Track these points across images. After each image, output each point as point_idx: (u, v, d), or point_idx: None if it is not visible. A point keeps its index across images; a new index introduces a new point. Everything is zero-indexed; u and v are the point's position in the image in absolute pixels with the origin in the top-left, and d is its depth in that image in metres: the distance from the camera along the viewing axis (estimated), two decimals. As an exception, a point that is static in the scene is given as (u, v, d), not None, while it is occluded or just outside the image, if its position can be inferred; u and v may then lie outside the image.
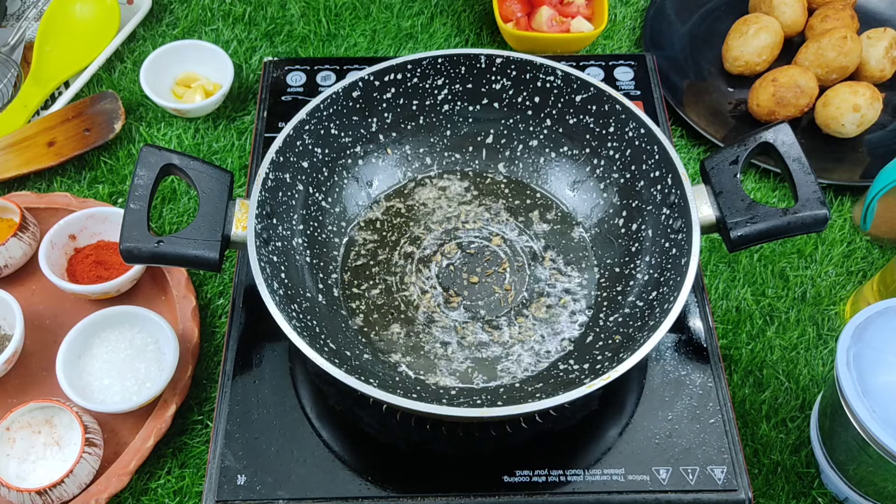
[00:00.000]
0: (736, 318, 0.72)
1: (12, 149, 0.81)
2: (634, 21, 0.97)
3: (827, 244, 0.77)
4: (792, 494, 0.64)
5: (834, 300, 0.74)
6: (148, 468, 0.65)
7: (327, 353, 0.54)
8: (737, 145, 0.61)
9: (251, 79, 0.91)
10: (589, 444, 0.60)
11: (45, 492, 0.59)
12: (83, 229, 0.74)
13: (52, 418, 0.64)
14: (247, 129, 0.86)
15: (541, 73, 0.69)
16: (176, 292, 0.71)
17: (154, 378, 0.66)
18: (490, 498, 0.58)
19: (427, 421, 0.61)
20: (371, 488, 0.58)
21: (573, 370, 0.61)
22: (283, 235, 0.63)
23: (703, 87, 0.90)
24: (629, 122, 0.66)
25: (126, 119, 0.85)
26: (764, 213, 0.58)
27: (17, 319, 0.66)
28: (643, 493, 0.58)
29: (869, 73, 0.87)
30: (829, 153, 0.84)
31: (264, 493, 0.58)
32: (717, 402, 0.62)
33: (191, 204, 0.80)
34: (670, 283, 0.59)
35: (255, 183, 0.61)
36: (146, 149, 0.59)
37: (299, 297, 0.61)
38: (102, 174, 0.82)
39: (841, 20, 0.88)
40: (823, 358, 0.71)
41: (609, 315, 0.65)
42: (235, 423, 0.61)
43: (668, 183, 0.63)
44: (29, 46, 0.92)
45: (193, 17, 0.96)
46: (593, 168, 0.71)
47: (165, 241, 0.57)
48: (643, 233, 0.66)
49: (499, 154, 0.75)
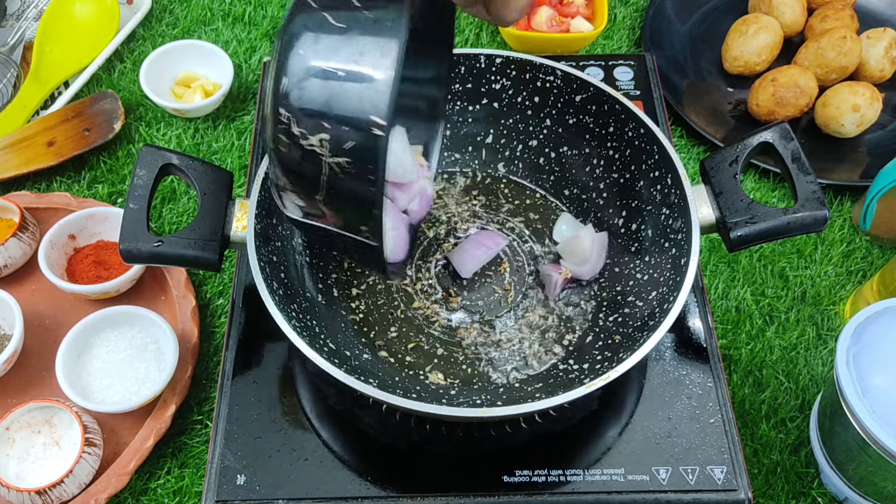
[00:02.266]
0: (735, 318, 0.72)
1: (12, 149, 0.81)
2: (634, 21, 0.97)
3: (827, 244, 0.77)
4: (792, 494, 0.64)
5: (834, 300, 0.74)
6: (147, 468, 0.65)
7: (327, 353, 0.54)
8: (736, 145, 0.61)
9: (251, 79, 0.91)
10: (589, 444, 0.60)
11: (45, 492, 0.59)
12: (83, 229, 0.74)
13: (52, 418, 0.64)
14: (246, 128, 0.86)
15: (540, 73, 0.69)
16: (176, 292, 0.71)
17: (154, 378, 0.66)
18: (490, 498, 0.58)
19: (427, 421, 0.61)
20: (371, 488, 0.58)
21: (573, 370, 0.61)
22: (282, 235, 0.63)
23: (702, 87, 0.90)
24: (629, 122, 0.66)
25: (126, 119, 0.85)
26: (764, 213, 0.58)
27: (17, 319, 0.66)
28: (643, 493, 0.58)
29: (869, 73, 0.87)
30: (828, 153, 0.84)
31: (264, 493, 0.58)
32: (717, 401, 0.62)
33: (190, 204, 0.80)
34: (670, 283, 0.59)
35: (255, 183, 0.61)
36: (146, 149, 0.59)
37: (299, 296, 0.61)
38: (102, 174, 0.82)
39: (841, 20, 0.88)
40: (823, 358, 0.71)
41: (609, 315, 0.65)
42: (235, 422, 0.61)
43: (668, 183, 0.63)
44: (29, 46, 0.92)
45: (193, 17, 0.96)
46: (593, 168, 0.71)
47: (165, 241, 0.57)
48: (643, 233, 0.66)
49: (499, 154, 0.75)
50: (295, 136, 0.41)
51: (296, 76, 0.40)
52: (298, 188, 0.44)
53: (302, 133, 0.41)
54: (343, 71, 0.40)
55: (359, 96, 0.39)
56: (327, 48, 0.40)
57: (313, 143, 0.41)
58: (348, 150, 0.40)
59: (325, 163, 0.41)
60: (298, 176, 0.43)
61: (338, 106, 0.40)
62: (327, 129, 0.40)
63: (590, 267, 0.67)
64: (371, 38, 0.40)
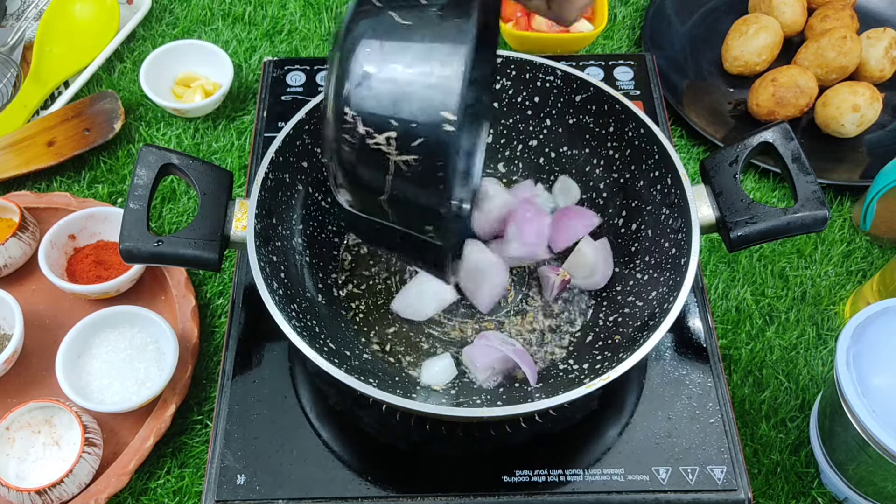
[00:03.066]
0: (735, 318, 0.72)
1: (12, 149, 0.81)
2: (634, 21, 0.97)
3: (827, 244, 0.77)
4: (791, 494, 0.64)
5: (834, 300, 0.74)
6: (147, 468, 0.65)
7: (327, 353, 0.54)
8: (737, 145, 0.61)
9: (251, 79, 0.91)
10: (589, 444, 0.60)
11: (45, 491, 0.59)
12: (83, 229, 0.74)
13: (52, 418, 0.64)
14: (246, 128, 0.86)
15: (541, 72, 0.69)
16: (176, 292, 0.71)
17: (153, 378, 0.66)
18: (490, 498, 0.58)
19: (427, 421, 0.61)
20: (371, 488, 0.58)
21: (573, 370, 0.61)
22: (282, 235, 0.63)
23: (702, 87, 0.90)
24: (629, 122, 0.66)
25: (126, 119, 0.85)
26: (764, 213, 0.58)
27: (17, 319, 0.66)
28: (643, 493, 0.58)
29: (869, 73, 0.87)
30: (828, 153, 0.84)
31: (264, 493, 0.58)
32: (717, 401, 0.62)
33: (190, 204, 0.80)
34: (670, 283, 0.59)
35: (255, 183, 0.61)
36: (146, 148, 0.59)
37: (299, 296, 0.61)
38: (102, 174, 0.82)
39: (841, 20, 0.88)
40: (823, 358, 0.71)
41: (609, 315, 0.65)
42: (235, 422, 0.61)
43: (668, 183, 0.63)
44: (29, 46, 0.92)
45: (193, 17, 0.96)
46: (593, 168, 0.71)
47: (165, 241, 0.57)
48: (643, 233, 0.66)
49: (499, 154, 0.75)
50: (360, 135, 0.40)
51: (361, 75, 0.40)
52: (361, 189, 0.43)
53: (368, 132, 0.40)
54: (411, 68, 0.39)
55: (429, 92, 0.39)
56: (394, 46, 0.40)
57: (380, 142, 0.40)
58: (417, 147, 0.39)
59: (392, 161, 0.40)
60: (362, 177, 0.42)
61: (407, 102, 0.39)
62: (395, 126, 0.39)
63: (600, 276, 0.66)
64: (439, 33, 0.39)
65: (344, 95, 0.40)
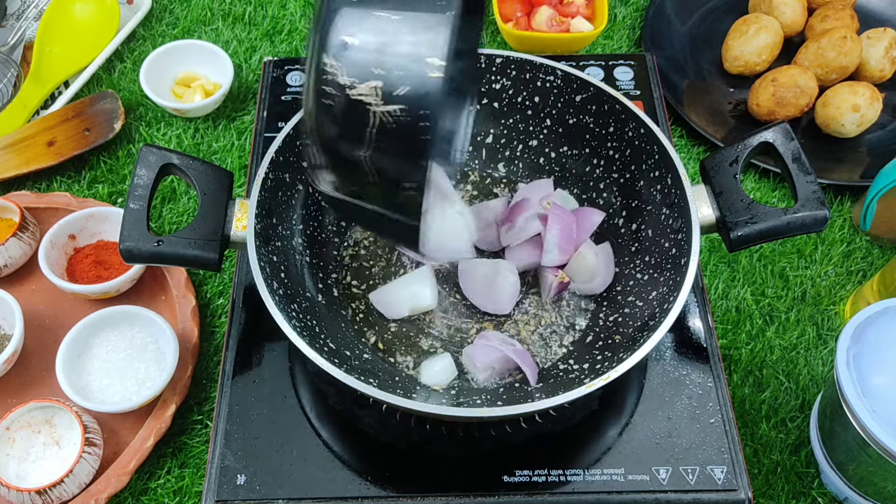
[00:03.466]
0: (736, 318, 0.72)
1: (12, 148, 0.81)
2: (634, 21, 0.97)
3: (827, 244, 0.77)
4: (792, 494, 0.64)
5: (834, 300, 0.74)
6: (147, 468, 0.65)
7: (327, 353, 0.54)
8: (737, 145, 0.61)
9: (251, 79, 0.91)
10: (589, 444, 0.60)
11: (45, 491, 0.59)
12: (83, 229, 0.74)
13: (52, 418, 0.64)
14: (247, 128, 0.86)
15: (541, 72, 0.69)
16: (176, 292, 0.71)
17: (154, 378, 0.66)
18: (490, 498, 0.58)
19: (427, 421, 0.61)
20: (371, 488, 0.58)
21: (573, 370, 0.61)
22: (282, 235, 0.63)
23: (703, 87, 0.90)
24: (629, 122, 0.66)
25: (126, 119, 0.85)
26: (764, 213, 0.58)
27: (17, 319, 0.66)
28: (643, 493, 0.58)
29: (869, 73, 0.87)
30: (828, 153, 0.84)
31: (264, 493, 0.58)
32: (717, 401, 0.62)
33: (191, 204, 0.80)
34: (670, 283, 0.59)
35: (255, 183, 0.61)
36: (146, 148, 0.59)
37: (299, 296, 0.61)
38: (102, 174, 0.82)
39: (841, 20, 0.88)
40: (823, 358, 0.71)
41: (609, 315, 0.65)
42: (235, 422, 0.61)
43: (668, 183, 0.63)
44: (29, 46, 0.92)
45: (193, 17, 0.96)
46: (593, 168, 0.71)
47: (165, 241, 0.57)
48: (643, 233, 0.66)
49: (499, 154, 0.75)
50: (342, 86, 0.38)
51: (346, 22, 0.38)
52: (341, 146, 0.41)
53: (351, 82, 0.38)
54: (398, 15, 0.37)
55: (415, 38, 0.37)
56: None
57: (363, 92, 0.38)
58: (402, 97, 0.38)
59: (375, 113, 0.38)
60: (342, 132, 0.40)
61: (392, 50, 0.37)
62: (380, 74, 0.37)
63: (600, 281, 0.66)
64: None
65: (326, 46, 0.38)
